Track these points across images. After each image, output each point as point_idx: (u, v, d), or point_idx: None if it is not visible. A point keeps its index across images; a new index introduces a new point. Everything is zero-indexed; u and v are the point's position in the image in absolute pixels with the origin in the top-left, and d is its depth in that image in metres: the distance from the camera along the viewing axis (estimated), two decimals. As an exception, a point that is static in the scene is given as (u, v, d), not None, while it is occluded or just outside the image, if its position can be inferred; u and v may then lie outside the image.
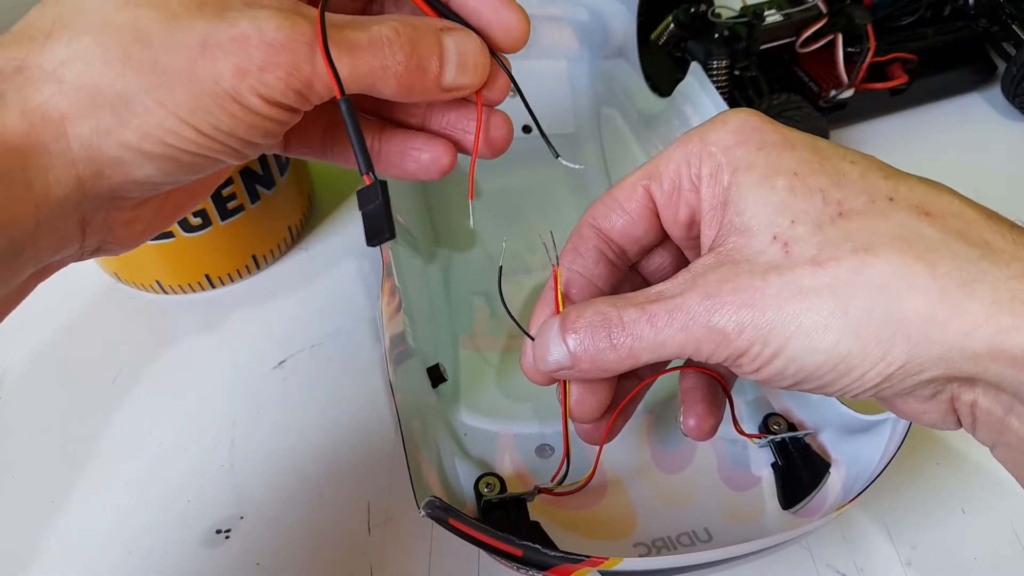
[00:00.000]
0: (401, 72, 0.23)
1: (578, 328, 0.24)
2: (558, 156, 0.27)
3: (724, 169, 0.23)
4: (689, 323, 0.22)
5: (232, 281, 0.44)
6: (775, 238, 0.22)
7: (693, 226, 0.25)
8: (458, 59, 0.24)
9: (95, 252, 0.25)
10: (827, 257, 0.21)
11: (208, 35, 0.21)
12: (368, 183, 0.24)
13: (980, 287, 0.20)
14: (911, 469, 0.28)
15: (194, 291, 0.43)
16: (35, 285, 0.24)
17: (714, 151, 0.24)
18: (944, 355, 0.20)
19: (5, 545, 0.34)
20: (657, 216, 0.26)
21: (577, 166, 0.26)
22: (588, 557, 0.26)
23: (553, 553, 0.26)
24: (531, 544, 0.26)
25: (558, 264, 0.27)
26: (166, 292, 0.43)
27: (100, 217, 0.24)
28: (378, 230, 0.24)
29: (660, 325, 0.22)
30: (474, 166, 0.27)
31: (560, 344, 0.24)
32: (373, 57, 0.23)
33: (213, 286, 0.44)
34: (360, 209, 0.25)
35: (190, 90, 0.21)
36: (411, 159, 0.27)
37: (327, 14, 0.23)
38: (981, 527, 0.34)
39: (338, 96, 0.23)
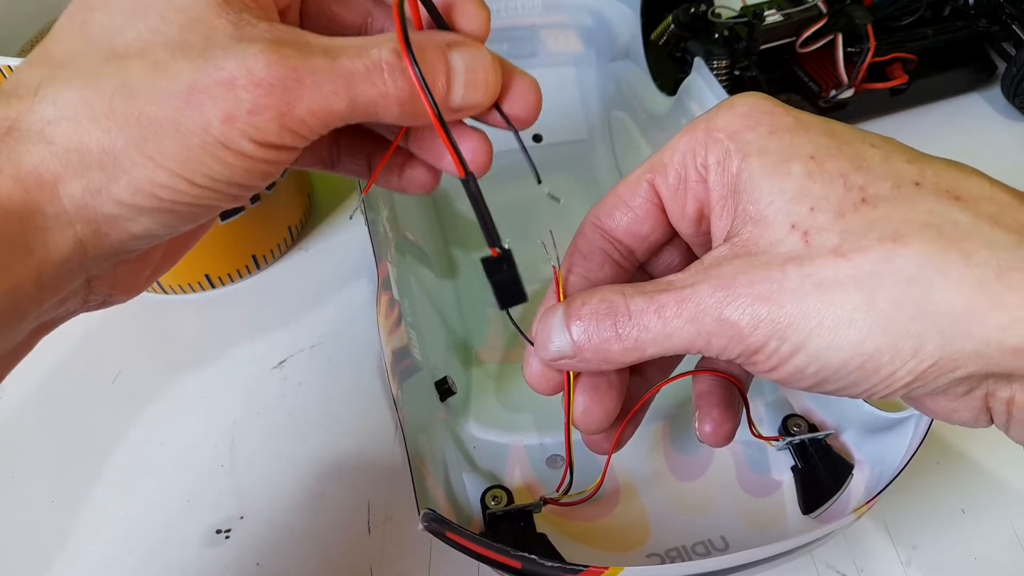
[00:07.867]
0: (404, 99, 0.22)
1: (583, 315, 0.22)
2: (540, 182, 0.25)
3: (733, 155, 0.22)
4: (699, 315, 0.21)
5: (232, 281, 0.44)
6: (793, 227, 0.20)
7: (702, 220, 0.24)
8: (467, 77, 0.23)
9: (100, 305, 0.24)
10: (851, 247, 0.19)
11: (193, 81, 0.20)
12: (495, 255, 0.24)
13: (1019, 276, 0.18)
14: (911, 469, 0.28)
15: (194, 291, 0.43)
16: (37, 340, 0.23)
17: (720, 137, 0.22)
18: (981, 351, 0.19)
19: (5, 545, 0.34)
20: (664, 212, 0.25)
21: (558, 200, 0.26)
22: (587, 567, 0.25)
23: (550, 564, 0.25)
24: (527, 555, 0.25)
25: (559, 267, 0.26)
26: (166, 292, 0.43)
27: (106, 273, 0.23)
28: (510, 296, 0.25)
29: (668, 316, 0.21)
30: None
31: (563, 332, 0.23)
32: (372, 86, 0.21)
33: (213, 286, 0.44)
34: (488, 278, 0.25)
35: (179, 141, 0.20)
36: (396, 175, 0.27)
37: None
38: (981, 527, 0.34)
39: (460, 176, 0.22)
